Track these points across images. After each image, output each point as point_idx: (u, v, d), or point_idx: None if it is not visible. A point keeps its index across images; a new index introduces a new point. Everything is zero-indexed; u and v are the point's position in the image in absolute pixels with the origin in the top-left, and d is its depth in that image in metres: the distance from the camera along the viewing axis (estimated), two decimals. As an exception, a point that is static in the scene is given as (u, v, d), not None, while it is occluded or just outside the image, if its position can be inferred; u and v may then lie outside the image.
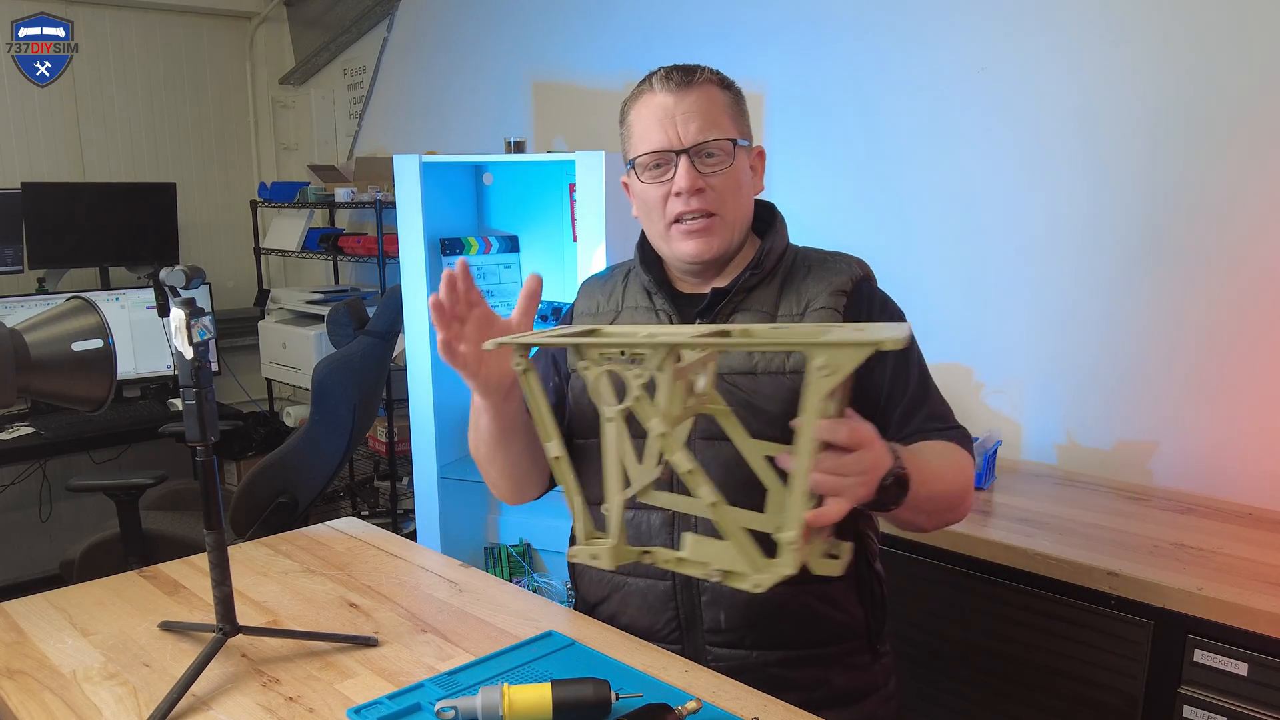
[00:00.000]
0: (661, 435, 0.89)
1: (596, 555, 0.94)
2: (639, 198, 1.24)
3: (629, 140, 1.24)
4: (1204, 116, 1.79)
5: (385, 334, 2.62)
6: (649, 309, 1.27)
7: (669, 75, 1.19)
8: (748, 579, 0.88)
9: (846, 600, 1.23)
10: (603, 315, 1.31)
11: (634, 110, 1.23)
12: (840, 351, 0.80)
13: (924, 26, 2.16)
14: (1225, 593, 1.35)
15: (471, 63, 3.32)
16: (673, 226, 1.20)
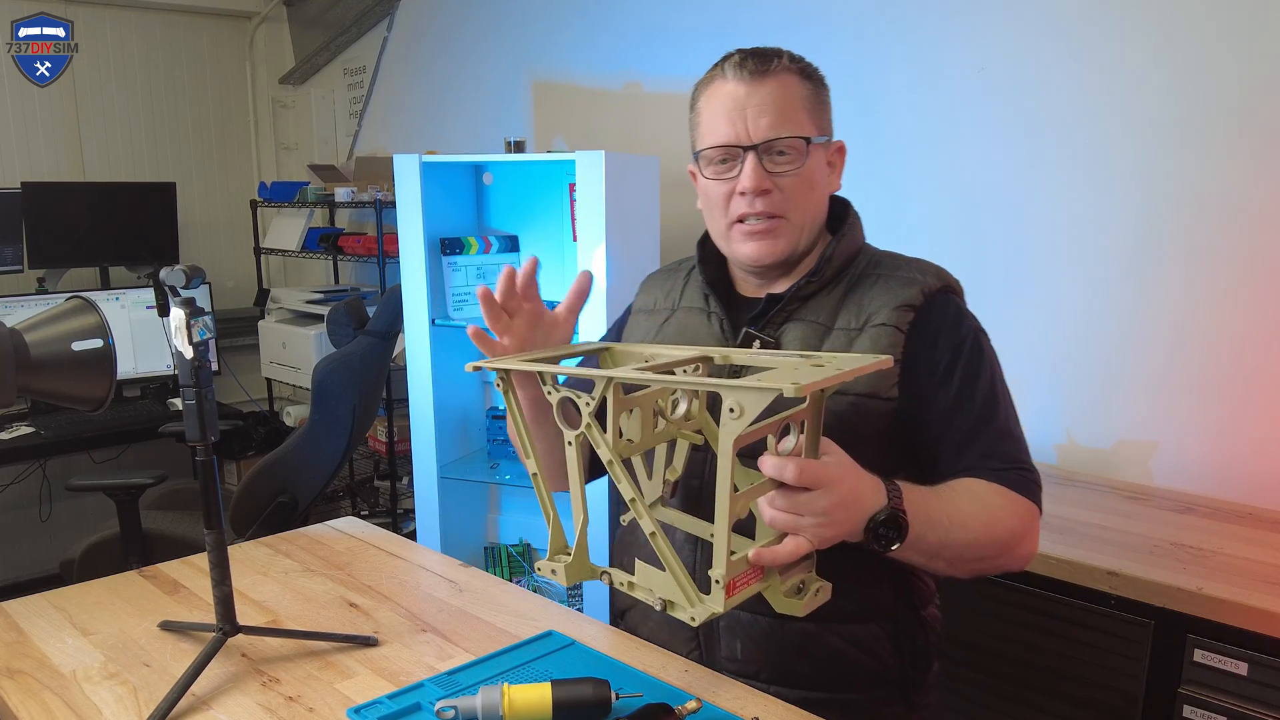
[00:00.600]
0: (609, 463, 0.90)
1: (555, 571, 0.96)
2: (702, 192, 1.18)
3: (696, 129, 1.17)
4: (1204, 116, 1.79)
5: (385, 334, 2.62)
6: (703, 311, 1.21)
7: (743, 62, 1.10)
8: (685, 612, 0.88)
9: (879, 646, 1.12)
10: (658, 313, 1.25)
11: (703, 97, 1.15)
12: (744, 394, 0.78)
13: (924, 26, 2.16)
14: (1225, 592, 1.35)
15: (471, 63, 3.32)
16: (735, 226, 1.14)
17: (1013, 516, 1.03)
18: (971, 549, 1.01)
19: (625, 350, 1.10)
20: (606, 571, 0.96)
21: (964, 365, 1.09)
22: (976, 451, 1.07)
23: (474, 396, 2.73)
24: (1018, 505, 1.04)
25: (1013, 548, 1.04)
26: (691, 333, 1.20)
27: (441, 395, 2.55)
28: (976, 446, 1.08)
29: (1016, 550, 1.04)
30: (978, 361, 1.11)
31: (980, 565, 1.04)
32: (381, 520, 3.31)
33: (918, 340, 1.09)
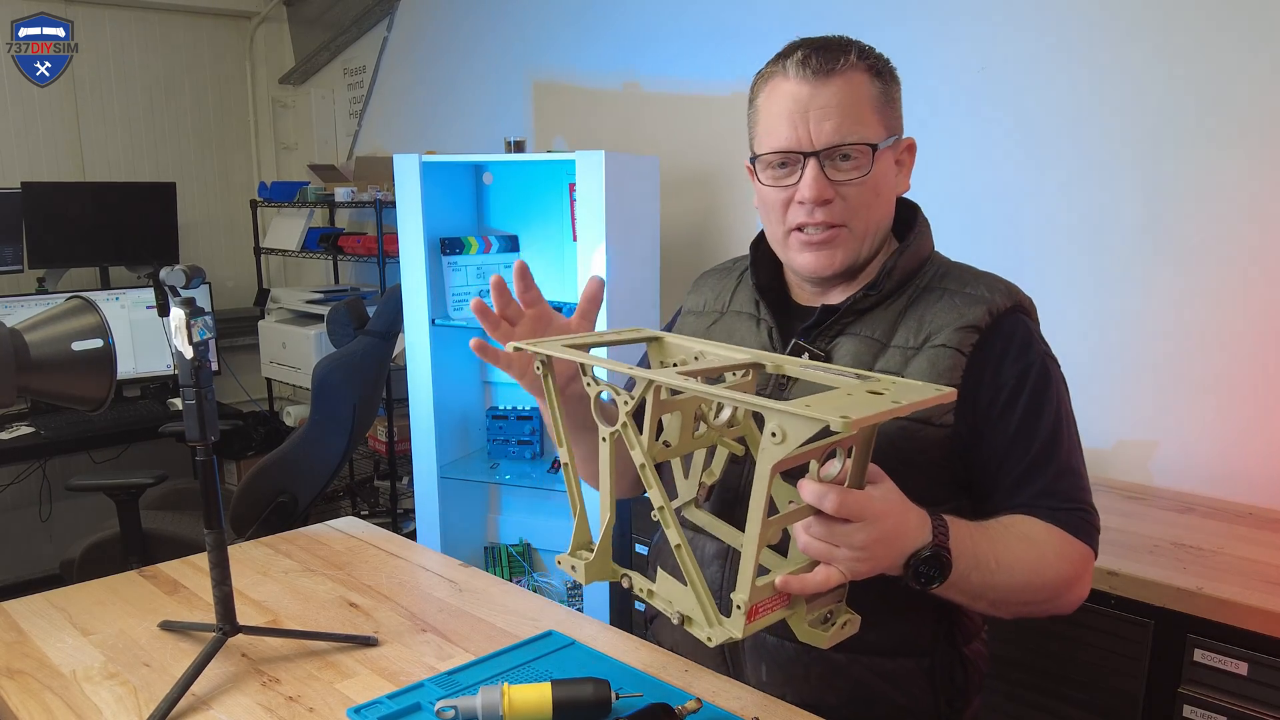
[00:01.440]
0: (641, 466, 0.85)
1: (575, 568, 0.93)
2: (760, 197, 1.10)
3: (754, 128, 1.09)
4: (1204, 115, 1.79)
5: (385, 333, 2.62)
6: (752, 317, 1.15)
7: (806, 60, 1.03)
8: (703, 631, 0.84)
9: (912, 682, 1.06)
10: (707, 315, 1.19)
11: (763, 95, 1.07)
12: (789, 420, 0.73)
13: (924, 26, 2.16)
14: (1225, 592, 1.35)
15: (471, 62, 3.32)
16: (793, 235, 1.07)
17: (1064, 560, 0.98)
18: (1016, 593, 0.95)
19: (676, 343, 1.03)
20: (627, 574, 0.92)
21: (1029, 395, 1.02)
22: (1035, 489, 1.01)
23: (474, 396, 2.73)
24: (1071, 549, 0.98)
25: (1061, 594, 0.98)
26: (739, 340, 1.13)
27: (441, 395, 2.55)
28: (1035, 483, 1.01)
29: (1065, 596, 0.99)
30: (1044, 391, 1.03)
31: (1026, 609, 0.98)
32: (381, 520, 3.31)
33: (981, 365, 1.02)
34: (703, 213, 2.69)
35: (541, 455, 2.64)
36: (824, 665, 1.05)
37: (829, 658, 1.02)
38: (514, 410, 2.64)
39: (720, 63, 2.58)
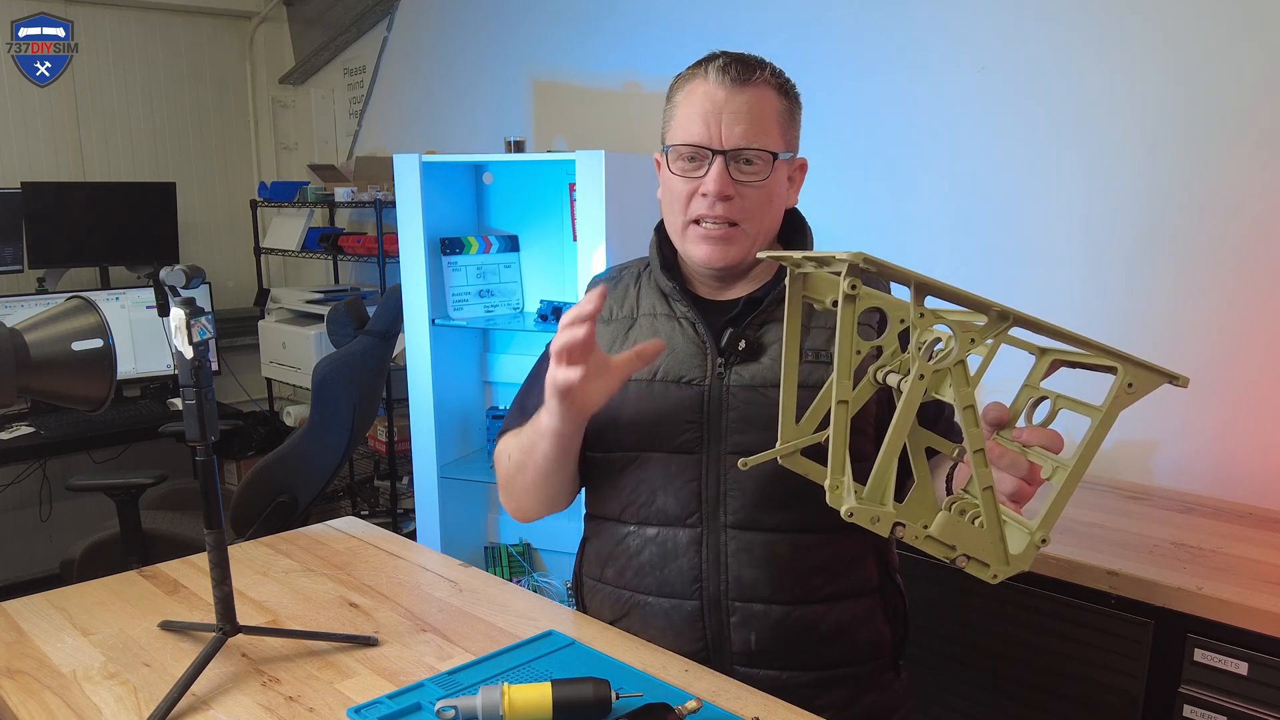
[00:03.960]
0: (966, 409, 0.88)
1: (878, 518, 0.87)
2: (665, 185, 1.19)
3: (669, 122, 1.17)
4: (1205, 115, 1.79)
5: (385, 333, 2.62)
6: (669, 316, 1.21)
7: (726, 67, 1.11)
8: (988, 570, 0.90)
9: (874, 618, 1.19)
10: (617, 322, 1.24)
11: (681, 93, 1.16)
12: (1141, 374, 0.87)
13: (923, 26, 2.16)
14: (1225, 592, 1.35)
15: (471, 62, 3.32)
16: (691, 226, 1.16)
17: None
18: None
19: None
20: (901, 523, 0.88)
21: None
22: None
23: (474, 396, 2.73)
24: None
25: None
26: (665, 337, 1.19)
27: (441, 395, 2.55)
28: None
29: None
30: None
31: None
32: (381, 520, 3.31)
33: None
34: (703, 213, 2.69)
35: (541, 455, 2.64)
36: (807, 620, 1.14)
37: (809, 613, 1.13)
38: (514, 410, 2.64)
39: (720, 63, 2.58)
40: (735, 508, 1.14)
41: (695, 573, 1.15)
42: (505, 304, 2.62)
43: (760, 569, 1.14)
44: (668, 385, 1.17)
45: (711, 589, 1.15)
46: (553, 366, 1.04)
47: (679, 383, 1.17)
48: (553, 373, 1.04)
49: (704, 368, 1.16)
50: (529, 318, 2.57)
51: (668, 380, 1.17)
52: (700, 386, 1.16)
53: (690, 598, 1.15)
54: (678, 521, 1.16)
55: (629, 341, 1.21)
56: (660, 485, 1.16)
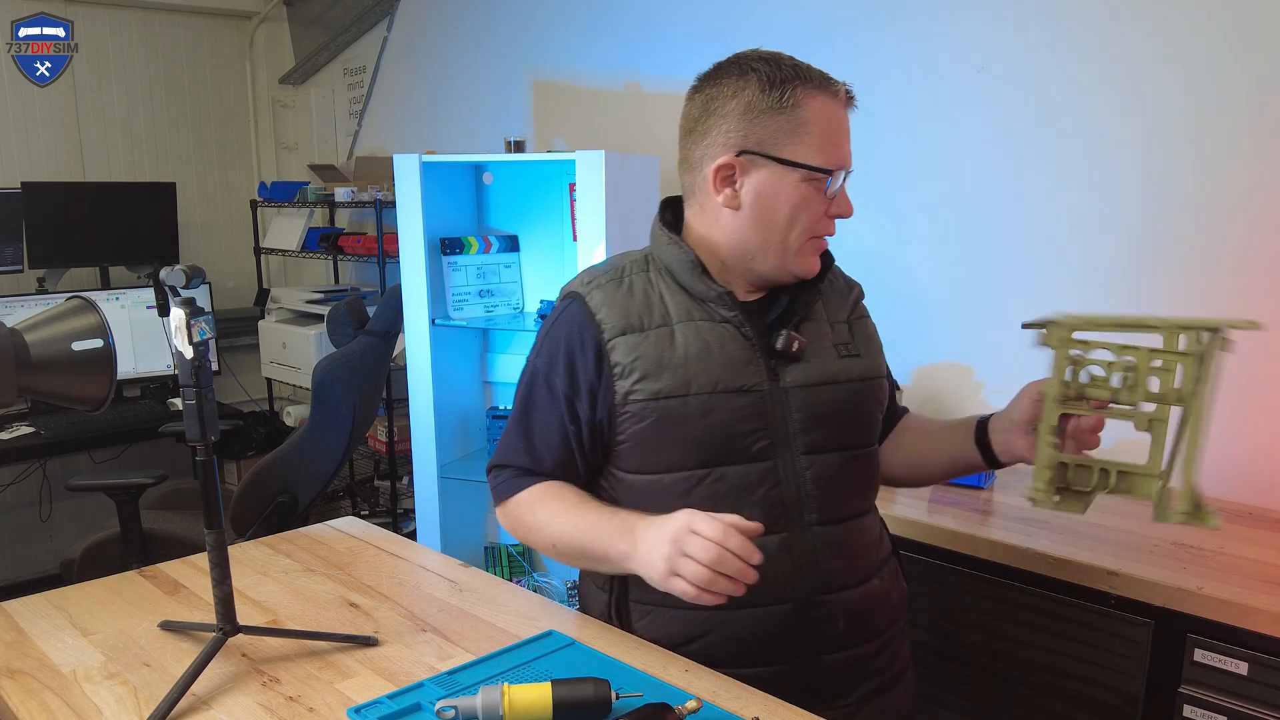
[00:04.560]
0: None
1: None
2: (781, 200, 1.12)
3: (798, 136, 1.10)
4: (1205, 116, 1.79)
5: (385, 334, 2.62)
6: (708, 320, 1.15)
7: (849, 93, 1.13)
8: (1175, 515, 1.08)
9: (898, 579, 1.27)
10: (649, 332, 1.14)
11: (814, 108, 1.10)
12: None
13: (923, 26, 2.16)
14: (1225, 592, 1.35)
15: (471, 62, 3.32)
16: (810, 242, 1.14)
17: None
18: None
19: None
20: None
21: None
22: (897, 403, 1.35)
23: (474, 396, 2.73)
24: None
25: None
26: (713, 343, 1.14)
27: (441, 395, 2.55)
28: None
29: None
30: None
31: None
32: (381, 520, 3.31)
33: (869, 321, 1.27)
34: (703, 213, 2.68)
35: (541, 455, 2.64)
36: (871, 596, 1.19)
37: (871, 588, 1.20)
38: (514, 410, 2.64)
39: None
40: (818, 506, 1.15)
41: (786, 576, 1.13)
42: (505, 304, 2.62)
43: (841, 558, 1.17)
44: (729, 395, 1.12)
45: (803, 588, 1.14)
46: (700, 574, 0.96)
47: (739, 391, 1.13)
48: (702, 580, 0.96)
49: (759, 372, 1.14)
50: (529, 318, 2.57)
51: (729, 390, 1.12)
52: (760, 391, 1.13)
53: (783, 602, 1.13)
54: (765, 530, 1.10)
55: (679, 350, 1.13)
56: (740, 497, 1.12)
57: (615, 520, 1.08)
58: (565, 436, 1.17)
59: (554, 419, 1.17)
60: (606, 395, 1.14)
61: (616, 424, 1.14)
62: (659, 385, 1.11)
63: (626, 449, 1.15)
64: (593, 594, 1.27)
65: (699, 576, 0.96)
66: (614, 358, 1.13)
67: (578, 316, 1.17)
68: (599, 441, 1.17)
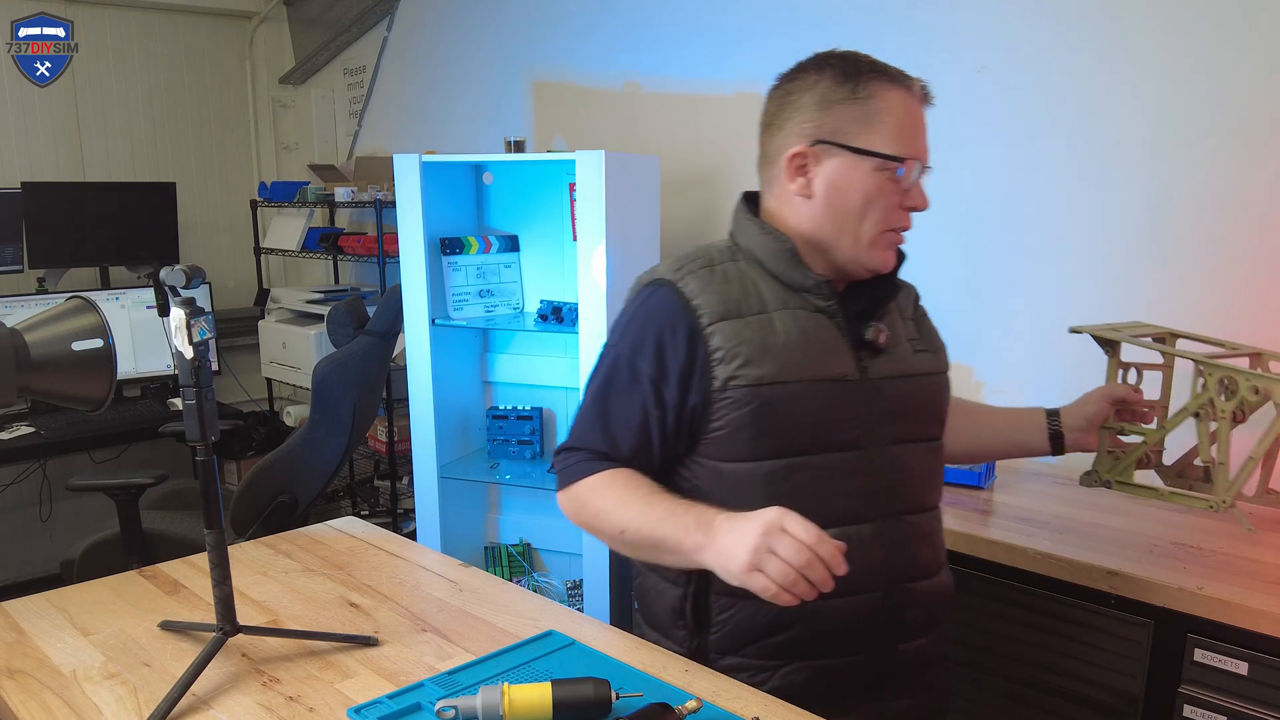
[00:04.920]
0: None
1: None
2: (853, 189, 1.14)
3: (869, 126, 1.12)
4: (1206, 116, 1.79)
5: (385, 334, 2.62)
6: (805, 309, 1.16)
7: (923, 86, 1.17)
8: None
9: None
10: (749, 319, 1.14)
11: (888, 100, 1.13)
12: None
13: (923, 26, 2.16)
14: (1225, 592, 1.35)
15: (471, 62, 3.32)
16: (885, 234, 1.15)
17: None
18: None
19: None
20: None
21: None
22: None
23: (474, 396, 2.73)
24: None
25: None
26: (810, 332, 1.15)
27: (441, 395, 2.55)
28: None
29: None
30: None
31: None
32: (381, 520, 3.31)
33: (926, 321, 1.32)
34: (703, 213, 2.69)
35: (541, 455, 2.64)
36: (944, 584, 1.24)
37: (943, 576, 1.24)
38: (514, 410, 2.64)
39: (720, 63, 2.58)
40: (906, 495, 1.19)
41: (879, 565, 1.15)
42: (505, 304, 2.62)
43: (925, 548, 1.21)
44: (826, 384, 1.14)
45: (892, 577, 1.16)
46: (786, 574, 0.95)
47: (835, 380, 1.14)
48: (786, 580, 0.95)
49: (850, 362, 1.16)
50: (529, 318, 2.57)
51: (825, 379, 1.14)
52: (852, 381, 1.15)
53: (872, 590, 1.14)
54: (858, 518, 1.14)
55: (779, 338, 1.13)
56: (837, 484, 1.14)
57: (692, 513, 1.06)
58: (646, 422, 1.14)
59: (635, 404, 1.14)
60: (703, 381, 1.12)
61: (712, 410, 1.12)
62: (762, 371, 1.11)
63: (722, 435, 1.13)
64: (659, 590, 1.23)
65: (784, 576, 0.95)
66: (714, 343, 1.12)
67: (670, 302, 1.15)
68: (685, 428, 1.15)
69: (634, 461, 1.15)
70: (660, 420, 1.14)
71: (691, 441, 1.16)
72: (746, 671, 1.15)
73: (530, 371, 2.67)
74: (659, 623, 1.23)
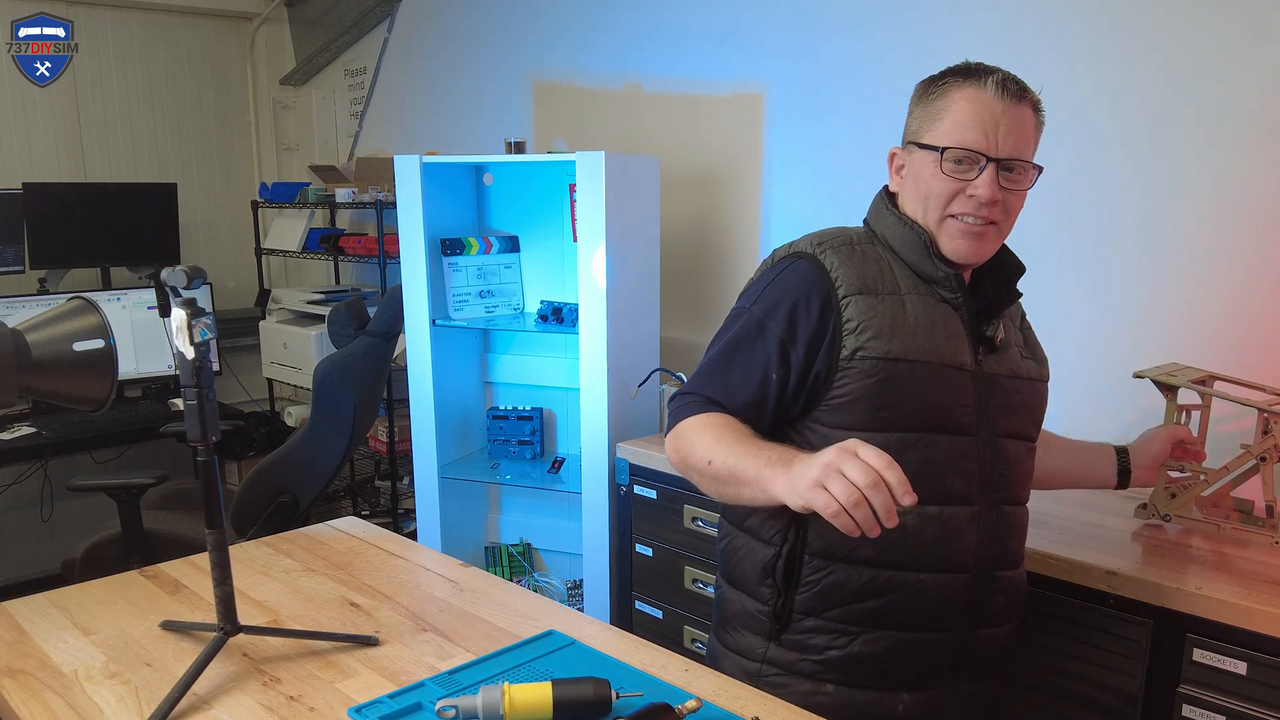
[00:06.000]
0: None
1: None
2: (923, 181, 1.22)
3: (934, 123, 1.21)
4: (1206, 115, 1.80)
5: (386, 334, 2.63)
6: (932, 297, 1.22)
7: (1005, 83, 1.18)
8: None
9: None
10: (882, 296, 1.20)
11: (955, 95, 1.20)
12: None
13: (923, 25, 2.16)
14: (1224, 592, 1.35)
15: (472, 63, 3.32)
16: (950, 220, 1.20)
17: None
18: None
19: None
20: None
21: None
22: None
23: (474, 396, 2.74)
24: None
25: None
26: (938, 319, 1.21)
27: (442, 395, 2.55)
28: None
29: None
30: None
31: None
32: (382, 520, 3.31)
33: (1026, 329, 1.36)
34: (703, 213, 2.69)
35: (541, 455, 2.64)
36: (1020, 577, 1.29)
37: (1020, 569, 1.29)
38: (514, 410, 2.65)
39: (720, 63, 2.58)
40: (1007, 485, 1.24)
41: (973, 547, 1.20)
42: (506, 304, 2.62)
43: (1015, 538, 1.27)
44: (948, 369, 1.19)
45: (983, 560, 1.21)
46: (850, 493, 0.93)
47: (956, 368, 1.20)
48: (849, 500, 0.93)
49: (970, 353, 1.22)
50: (529, 318, 2.57)
51: (949, 365, 1.19)
52: (970, 371, 1.21)
53: (965, 571, 1.20)
54: (961, 500, 1.19)
55: (909, 318, 1.19)
56: (947, 466, 1.18)
57: (777, 450, 1.07)
58: (765, 380, 1.18)
59: (758, 361, 1.19)
60: (832, 348, 1.17)
61: (835, 378, 1.17)
62: (890, 346, 1.16)
63: (842, 404, 1.17)
64: (749, 549, 1.25)
65: (847, 495, 0.93)
66: (848, 313, 1.18)
67: (809, 272, 1.21)
68: (805, 392, 1.19)
69: (743, 415, 1.18)
70: (782, 380, 1.18)
71: (808, 407, 1.20)
72: (829, 634, 1.20)
73: (530, 372, 2.67)
74: (743, 581, 1.27)
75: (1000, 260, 1.27)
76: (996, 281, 1.27)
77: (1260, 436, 1.52)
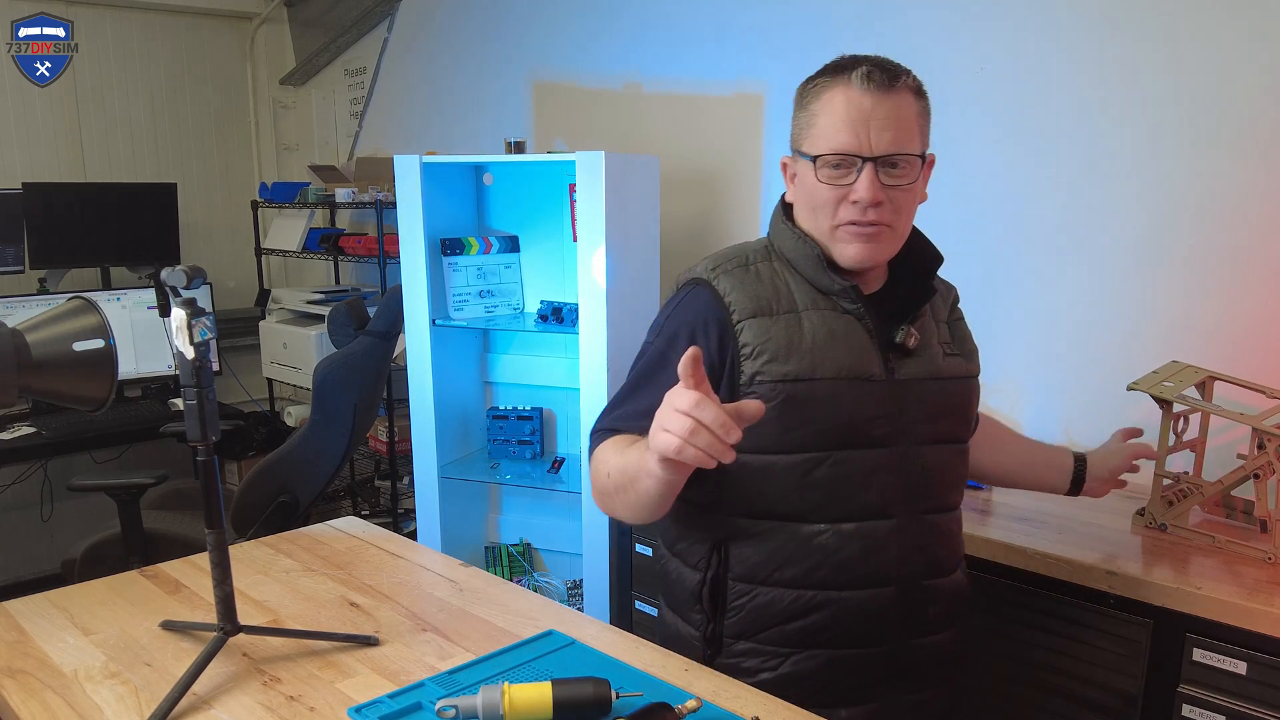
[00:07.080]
0: None
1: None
2: (807, 190, 1.18)
3: (809, 130, 1.17)
4: (1206, 115, 1.80)
5: (386, 334, 2.63)
6: (833, 310, 1.19)
7: (871, 75, 1.12)
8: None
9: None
10: (778, 316, 1.18)
11: (823, 99, 1.15)
12: None
13: (924, 25, 2.16)
14: (1224, 592, 1.35)
15: (472, 63, 3.32)
16: (842, 228, 1.16)
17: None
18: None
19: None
20: None
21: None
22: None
23: (474, 396, 2.74)
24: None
25: None
26: (838, 331, 1.18)
27: (442, 395, 2.55)
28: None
29: None
30: None
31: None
32: (382, 520, 3.31)
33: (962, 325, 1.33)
34: (703, 213, 2.69)
35: (541, 455, 2.64)
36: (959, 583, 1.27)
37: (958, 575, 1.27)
38: (514, 410, 2.65)
39: (720, 63, 2.58)
40: (931, 494, 1.21)
41: (897, 559, 1.18)
42: (506, 304, 2.62)
43: (945, 546, 1.24)
44: (853, 382, 1.16)
45: (909, 572, 1.19)
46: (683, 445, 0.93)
47: (862, 379, 1.17)
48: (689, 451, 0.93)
49: (879, 362, 1.18)
50: (529, 318, 2.57)
51: (855, 378, 1.17)
52: (879, 381, 1.18)
53: (889, 584, 1.18)
54: (879, 514, 1.17)
55: (806, 337, 1.17)
56: (861, 481, 1.16)
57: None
58: None
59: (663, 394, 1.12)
60: (731, 375, 1.16)
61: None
62: (787, 368, 1.14)
63: (749, 429, 1.11)
64: (679, 574, 1.27)
65: (667, 446, 0.94)
66: (743, 339, 1.16)
67: (703, 299, 1.20)
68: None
69: None
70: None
71: None
72: (760, 656, 1.19)
73: (530, 372, 2.68)
74: (678, 606, 1.28)
75: (914, 254, 1.24)
76: (910, 278, 1.24)
77: (1255, 452, 1.51)
